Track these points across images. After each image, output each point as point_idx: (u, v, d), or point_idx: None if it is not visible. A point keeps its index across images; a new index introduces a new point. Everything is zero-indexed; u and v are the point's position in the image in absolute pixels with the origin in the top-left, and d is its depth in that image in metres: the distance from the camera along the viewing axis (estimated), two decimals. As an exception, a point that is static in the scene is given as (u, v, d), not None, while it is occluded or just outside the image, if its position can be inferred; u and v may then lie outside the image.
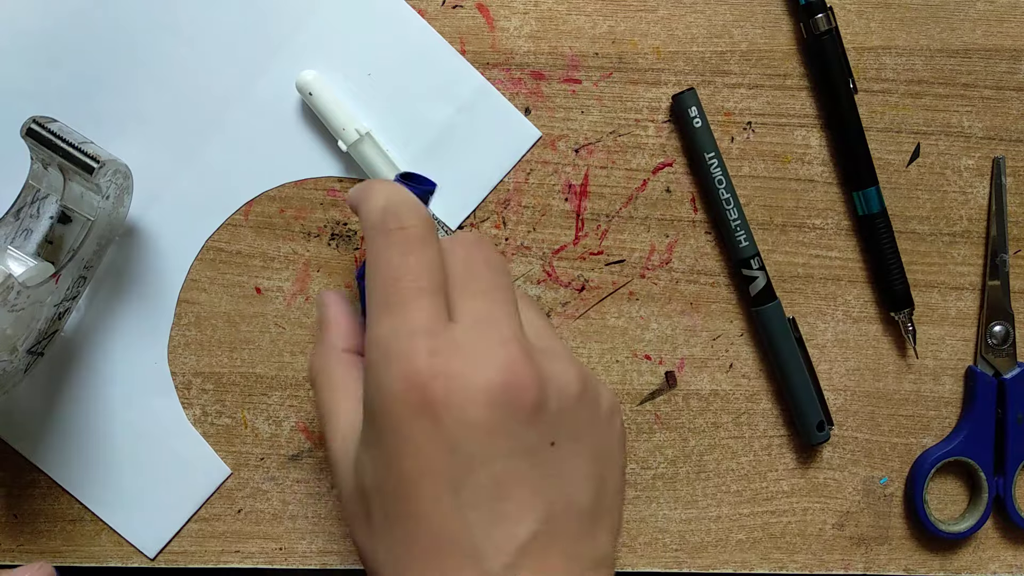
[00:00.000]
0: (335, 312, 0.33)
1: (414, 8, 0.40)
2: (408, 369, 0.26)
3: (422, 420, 0.25)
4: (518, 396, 0.26)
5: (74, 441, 0.41)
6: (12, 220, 0.36)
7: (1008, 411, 0.41)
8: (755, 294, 0.40)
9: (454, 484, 0.25)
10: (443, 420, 0.25)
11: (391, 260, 0.28)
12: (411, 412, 0.25)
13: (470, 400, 0.25)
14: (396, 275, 0.28)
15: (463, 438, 0.25)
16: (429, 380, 0.25)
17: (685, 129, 0.40)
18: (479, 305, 0.28)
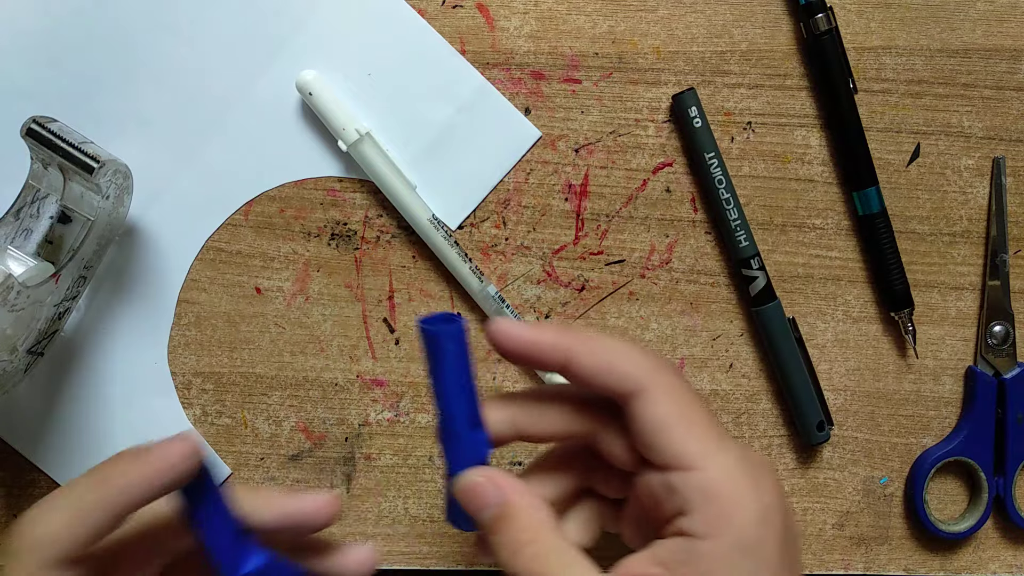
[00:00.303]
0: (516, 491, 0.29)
1: (414, 8, 0.40)
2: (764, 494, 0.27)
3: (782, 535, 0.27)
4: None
5: (74, 441, 0.41)
6: (12, 220, 0.36)
7: (1008, 411, 0.41)
8: (755, 294, 0.40)
9: None
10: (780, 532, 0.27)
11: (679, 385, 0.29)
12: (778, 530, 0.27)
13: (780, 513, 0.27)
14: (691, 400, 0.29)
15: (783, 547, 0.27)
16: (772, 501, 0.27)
17: (685, 129, 0.40)
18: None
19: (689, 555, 0.27)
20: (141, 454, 0.28)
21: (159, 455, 0.28)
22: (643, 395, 0.28)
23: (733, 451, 0.27)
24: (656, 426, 0.27)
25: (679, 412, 0.28)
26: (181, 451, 0.28)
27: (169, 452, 0.28)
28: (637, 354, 0.28)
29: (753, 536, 0.26)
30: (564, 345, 0.29)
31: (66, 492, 0.28)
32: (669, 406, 0.28)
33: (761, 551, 0.27)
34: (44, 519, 0.28)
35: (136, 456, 0.28)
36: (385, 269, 0.41)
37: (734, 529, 0.26)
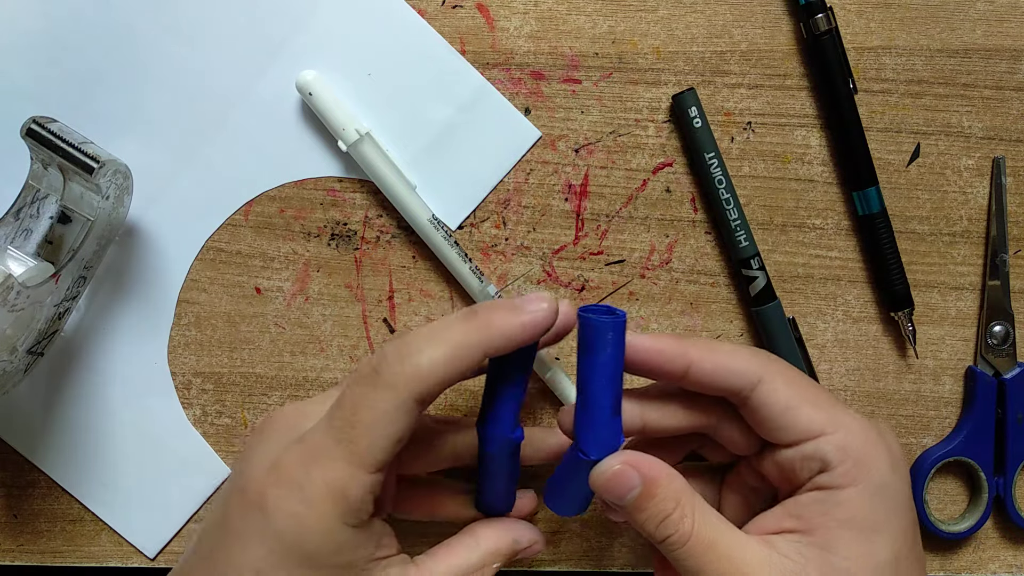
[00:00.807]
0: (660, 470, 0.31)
1: (414, 8, 0.40)
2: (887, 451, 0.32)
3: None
4: None
5: (74, 441, 0.41)
6: (12, 220, 0.36)
7: (1008, 411, 0.41)
8: (755, 294, 0.40)
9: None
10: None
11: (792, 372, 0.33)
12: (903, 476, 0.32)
13: None
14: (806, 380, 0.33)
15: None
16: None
17: (685, 129, 0.40)
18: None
19: (827, 505, 0.30)
20: (517, 307, 0.29)
21: (535, 311, 0.29)
22: (763, 385, 0.31)
23: (856, 416, 0.31)
24: (782, 408, 0.31)
25: (800, 393, 0.31)
26: (550, 310, 0.29)
27: (540, 310, 0.29)
28: (747, 351, 0.32)
29: (888, 480, 0.30)
30: (684, 352, 0.31)
31: (444, 329, 0.28)
32: (790, 389, 0.31)
33: (895, 493, 0.30)
34: (427, 351, 0.28)
35: (513, 308, 0.29)
36: (385, 269, 0.41)
37: (872, 475, 0.30)
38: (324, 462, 0.28)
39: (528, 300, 0.29)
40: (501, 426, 0.31)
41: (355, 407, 0.28)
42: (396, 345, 0.28)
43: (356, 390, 0.28)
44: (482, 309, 0.29)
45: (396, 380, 0.27)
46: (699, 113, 0.39)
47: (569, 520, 0.42)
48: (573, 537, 0.42)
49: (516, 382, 0.31)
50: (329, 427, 0.28)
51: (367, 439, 0.28)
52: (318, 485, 0.28)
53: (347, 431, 0.28)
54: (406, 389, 0.27)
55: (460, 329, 0.28)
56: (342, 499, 0.28)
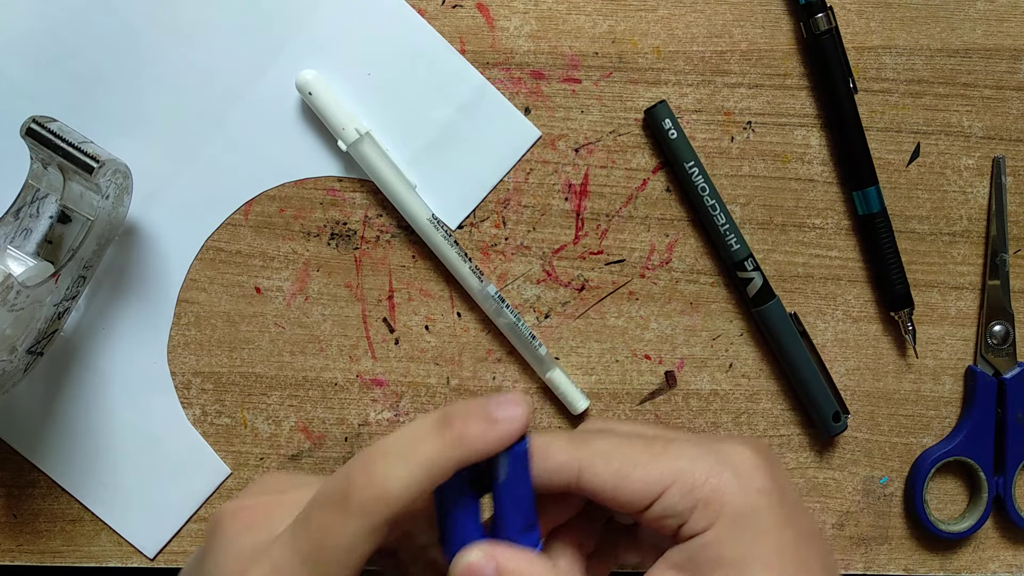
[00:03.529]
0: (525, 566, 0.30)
1: (414, 8, 0.40)
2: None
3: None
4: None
5: (74, 441, 0.41)
6: (12, 220, 0.36)
7: (1008, 411, 0.41)
8: (753, 295, 0.40)
9: None
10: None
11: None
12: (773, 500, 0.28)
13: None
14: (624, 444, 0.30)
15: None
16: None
17: (662, 141, 0.39)
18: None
19: (696, 550, 0.28)
20: (493, 416, 0.28)
21: (509, 421, 0.28)
22: (583, 472, 0.29)
23: (691, 450, 0.29)
24: (612, 485, 0.29)
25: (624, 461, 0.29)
26: (524, 420, 0.28)
27: (516, 420, 0.28)
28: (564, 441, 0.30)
29: (743, 506, 0.28)
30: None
31: (415, 445, 0.27)
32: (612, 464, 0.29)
33: (757, 516, 0.28)
34: (398, 473, 0.26)
35: (488, 418, 0.28)
36: (385, 269, 0.41)
37: (725, 509, 0.28)
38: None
39: (501, 406, 0.28)
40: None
41: (322, 532, 0.27)
42: (365, 465, 0.27)
43: (324, 514, 0.27)
44: (457, 420, 0.27)
45: (365, 507, 0.26)
46: (673, 124, 0.39)
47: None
48: (573, 537, 0.42)
49: (471, 491, 0.29)
50: (296, 549, 0.27)
51: (332, 564, 0.26)
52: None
53: (314, 555, 0.27)
54: (376, 515, 0.26)
55: (433, 446, 0.27)
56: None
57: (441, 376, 0.41)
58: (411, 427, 0.28)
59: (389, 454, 0.27)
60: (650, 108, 0.39)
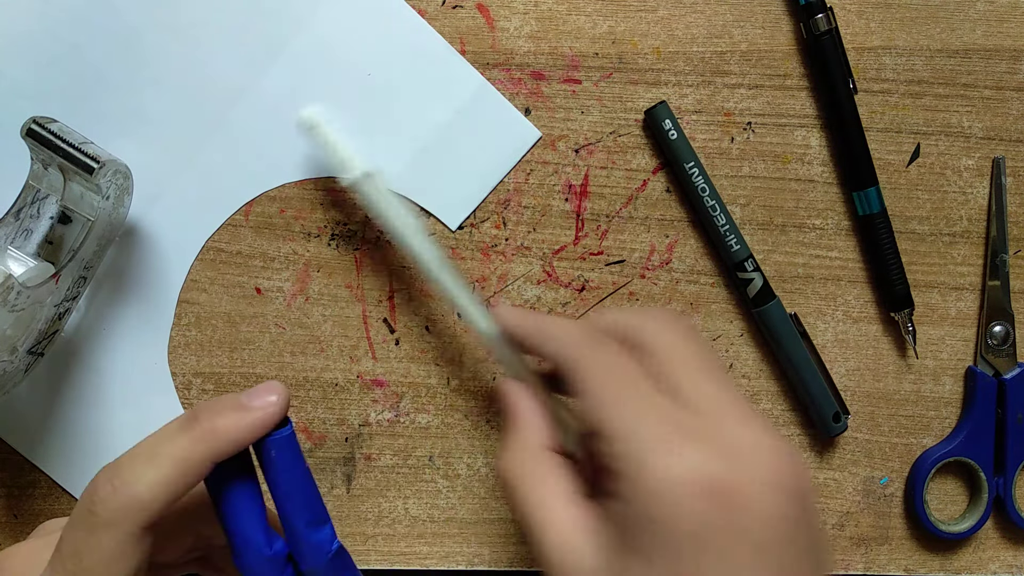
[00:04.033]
0: (526, 407, 0.30)
1: (414, 8, 0.40)
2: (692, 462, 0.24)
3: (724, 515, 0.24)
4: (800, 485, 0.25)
5: (74, 441, 0.41)
6: (12, 220, 0.36)
7: (1008, 411, 0.41)
8: (753, 295, 0.40)
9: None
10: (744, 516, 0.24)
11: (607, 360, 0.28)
12: (711, 509, 0.24)
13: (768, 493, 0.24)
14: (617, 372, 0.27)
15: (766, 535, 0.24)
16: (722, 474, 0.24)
17: (662, 142, 0.40)
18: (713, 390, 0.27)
19: (611, 514, 0.26)
20: (245, 405, 0.27)
21: (263, 408, 0.27)
22: (575, 365, 0.28)
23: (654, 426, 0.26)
24: (583, 395, 0.27)
25: (606, 383, 0.27)
26: (281, 404, 0.27)
27: (270, 404, 0.27)
28: (571, 326, 0.29)
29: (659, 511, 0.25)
30: (524, 323, 0.31)
31: (165, 442, 0.26)
32: (597, 378, 0.27)
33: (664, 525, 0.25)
34: (145, 476, 0.25)
35: (239, 407, 0.27)
36: (385, 269, 0.41)
37: (642, 499, 0.25)
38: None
39: (255, 395, 0.28)
40: (254, 547, 0.28)
41: (77, 554, 0.25)
42: (109, 474, 0.26)
43: (75, 534, 0.26)
44: (204, 413, 0.27)
45: (114, 516, 0.25)
46: (673, 125, 0.39)
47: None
48: (573, 537, 0.42)
49: (248, 486, 0.28)
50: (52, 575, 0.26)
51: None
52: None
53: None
54: (128, 523, 0.25)
55: (180, 443, 0.26)
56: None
57: (441, 376, 0.41)
58: (159, 430, 0.27)
59: (135, 458, 0.26)
60: (650, 109, 0.39)
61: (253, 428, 0.27)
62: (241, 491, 0.28)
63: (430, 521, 0.42)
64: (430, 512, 0.42)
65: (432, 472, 0.42)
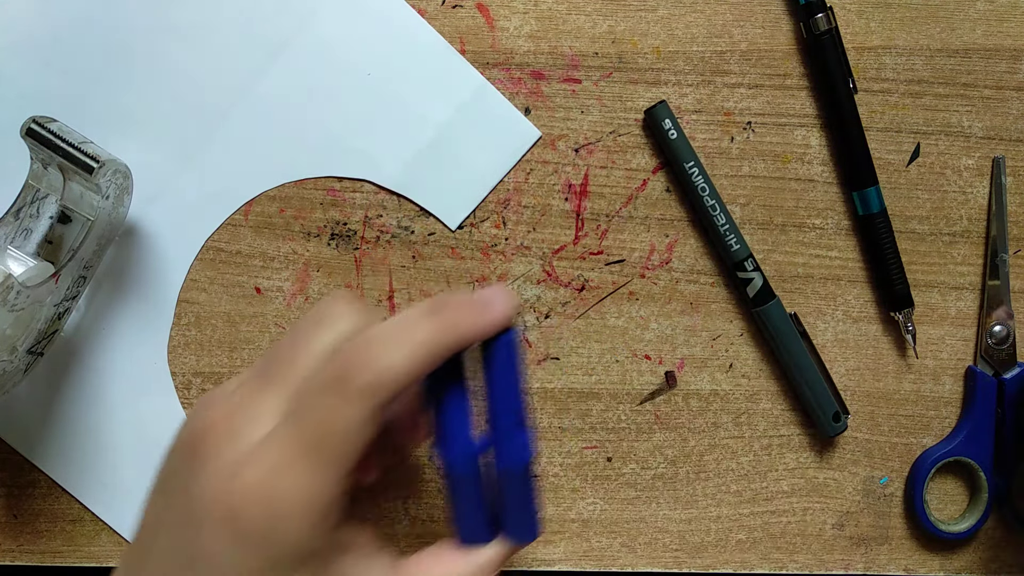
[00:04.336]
0: None
1: (414, 8, 0.40)
2: None
3: None
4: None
5: (74, 441, 0.41)
6: (12, 220, 0.36)
7: (1008, 411, 0.41)
8: (753, 295, 0.40)
9: None
10: None
11: None
12: None
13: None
14: None
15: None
16: None
17: (662, 142, 0.40)
18: None
19: None
20: (483, 304, 0.28)
21: (501, 309, 0.28)
22: None
23: None
24: None
25: None
26: (513, 308, 0.28)
27: (507, 307, 0.28)
28: None
29: None
30: None
31: (409, 330, 0.27)
32: None
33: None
34: (395, 356, 0.26)
35: (478, 305, 0.28)
36: (385, 269, 0.41)
37: None
38: (291, 476, 0.27)
39: (491, 296, 0.28)
40: (463, 440, 0.29)
41: (323, 420, 0.27)
42: (360, 349, 0.27)
43: (322, 402, 0.27)
44: (446, 308, 0.28)
45: (367, 388, 0.26)
46: (673, 124, 0.39)
47: (569, 520, 0.42)
48: (573, 537, 0.42)
49: (462, 384, 0.29)
50: (293, 437, 0.27)
51: (336, 450, 0.27)
52: (289, 498, 0.27)
53: (316, 444, 0.27)
54: (376, 399, 0.26)
55: (427, 329, 0.27)
56: (313, 510, 0.27)
57: (441, 376, 0.41)
58: (402, 315, 0.28)
59: (386, 337, 0.27)
60: (650, 108, 0.39)
61: (489, 325, 0.28)
62: (456, 387, 0.29)
63: (430, 521, 0.42)
64: (430, 512, 0.42)
65: (432, 472, 0.42)
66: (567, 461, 0.42)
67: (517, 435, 0.30)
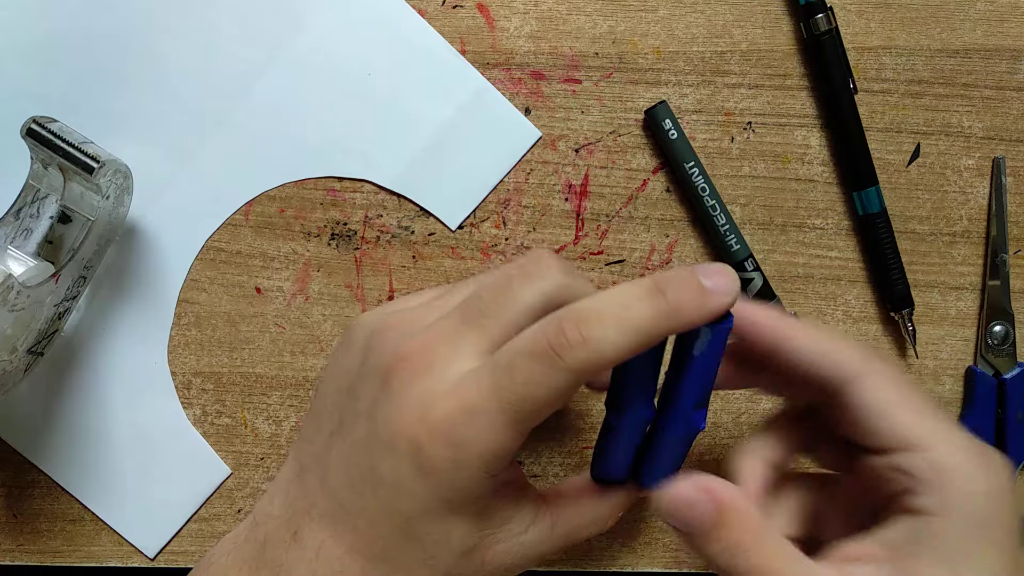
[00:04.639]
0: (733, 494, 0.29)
1: (414, 8, 0.40)
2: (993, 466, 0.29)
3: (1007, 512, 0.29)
4: None
5: (74, 441, 0.41)
6: (12, 220, 0.36)
7: (1008, 411, 0.41)
8: (754, 295, 0.40)
9: None
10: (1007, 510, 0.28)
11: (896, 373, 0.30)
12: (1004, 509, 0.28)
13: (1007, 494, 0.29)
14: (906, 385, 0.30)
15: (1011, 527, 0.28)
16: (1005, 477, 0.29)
17: (662, 142, 0.40)
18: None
19: (920, 534, 0.27)
20: (706, 289, 0.27)
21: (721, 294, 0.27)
22: (860, 381, 0.29)
23: (959, 432, 0.28)
24: (879, 410, 0.28)
25: (900, 396, 0.28)
26: (735, 296, 0.27)
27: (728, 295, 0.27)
28: (849, 341, 0.30)
29: (988, 512, 0.27)
30: (778, 327, 0.30)
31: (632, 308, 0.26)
32: (889, 391, 0.28)
33: (995, 528, 0.27)
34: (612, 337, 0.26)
35: (701, 290, 0.27)
36: (385, 269, 0.41)
37: (968, 505, 0.27)
38: (483, 426, 0.27)
39: (712, 275, 0.27)
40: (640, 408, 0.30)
41: (528, 383, 0.27)
42: (577, 322, 0.26)
43: (533, 365, 0.27)
44: (669, 289, 0.27)
45: (577, 365, 0.26)
46: (673, 125, 0.39)
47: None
48: (573, 537, 0.42)
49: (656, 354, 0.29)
50: (493, 390, 0.27)
51: (533, 413, 0.27)
52: (474, 446, 0.27)
53: (516, 403, 0.27)
54: (584, 374, 0.26)
55: (647, 313, 0.26)
56: (495, 460, 0.28)
57: (441, 376, 0.41)
58: (622, 291, 0.27)
59: (604, 316, 0.26)
60: (650, 108, 0.39)
61: (710, 312, 0.27)
62: (649, 356, 0.29)
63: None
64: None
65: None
66: (567, 461, 0.41)
67: (695, 416, 0.30)
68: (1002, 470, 0.28)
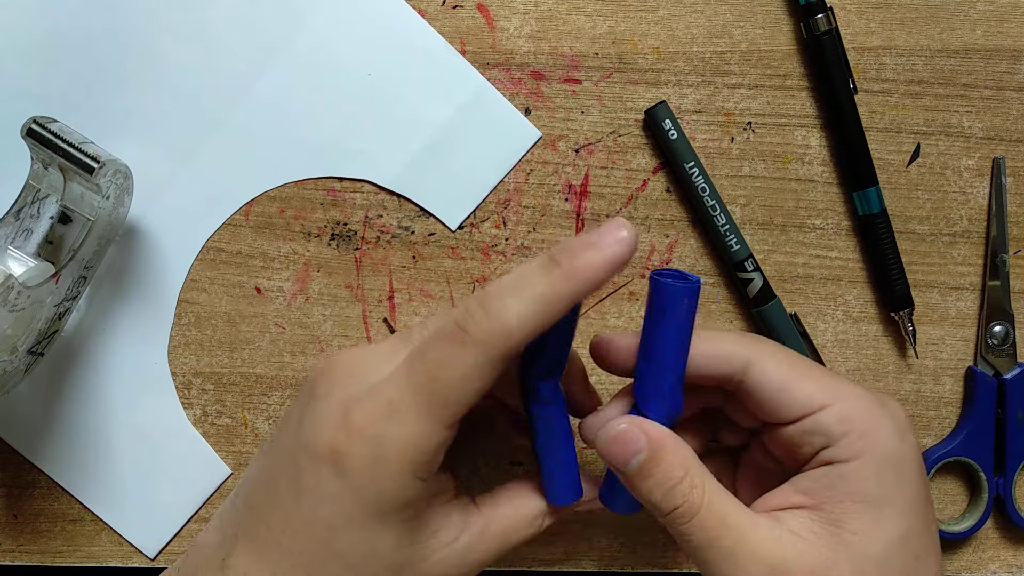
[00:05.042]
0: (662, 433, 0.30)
1: (414, 8, 0.40)
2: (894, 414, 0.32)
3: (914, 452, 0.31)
4: None
5: (74, 441, 0.41)
6: (12, 220, 0.36)
7: (1008, 411, 0.41)
8: (754, 295, 0.40)
9: None
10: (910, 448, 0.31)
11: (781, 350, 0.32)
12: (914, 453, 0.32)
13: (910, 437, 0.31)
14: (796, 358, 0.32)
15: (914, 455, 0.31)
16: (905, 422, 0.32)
17: (662, 142, 0.40)
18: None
19: (834, 479, 0.29)
20: (597, 244, 0.27)
21: (614, 245, 0.27)
22: (753, 368, 0.30)
23: (857, 387, 0.30)
24: (779, 386, 0.30)
25: (794, 369, 0.30)
26: (631, 240, 0.27)
27: (621, 241, 0.27)
28: (732, 336, 0.31)
29: (896, 450, 0.29)
30: None
31: (528, 280, 0.27)
32: (782, 368, 0.30)
33: (904, 464, 0.29)
34: (515, 307, 0.27)
35: (592, 245, 0.27)
36: (385, 269, 0.41)
37: (878, 446, 0.29)
38: (401, 417, 0.27)
39: (606, 232, 0.27)
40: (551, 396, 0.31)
41: (439, 363, 0.27)
42: (481, 300, 0.27)
43: (441, 346, 0.27)
44: (562, 256, 0.27)
45: (484, 337, 0.27)
46: (673, 125, 0.39)
47: (569, 520, 0.42)
48: (573, 537, 0.42)
49: (570, 322, 0.30)
50: (407, 382, 0.28)
51: (449, 396, 0.27)
52: (394, 441, 0.27)
53: (428, 386, 0.27)
54: (493, 347, 0.27)
55: (546, 281, 0.27)
56: (417, 455, 0.27)
57: (441, 376, 0.41)
58: (521, 267, 0.28)
59: (503, 291, 0.27)
60: (650, 109, 0.39)
61: (608, 267, 0.27)
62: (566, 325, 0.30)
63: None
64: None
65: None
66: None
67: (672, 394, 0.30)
68: (900, 411, 0.30)
